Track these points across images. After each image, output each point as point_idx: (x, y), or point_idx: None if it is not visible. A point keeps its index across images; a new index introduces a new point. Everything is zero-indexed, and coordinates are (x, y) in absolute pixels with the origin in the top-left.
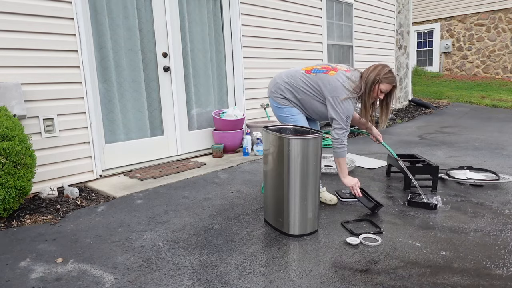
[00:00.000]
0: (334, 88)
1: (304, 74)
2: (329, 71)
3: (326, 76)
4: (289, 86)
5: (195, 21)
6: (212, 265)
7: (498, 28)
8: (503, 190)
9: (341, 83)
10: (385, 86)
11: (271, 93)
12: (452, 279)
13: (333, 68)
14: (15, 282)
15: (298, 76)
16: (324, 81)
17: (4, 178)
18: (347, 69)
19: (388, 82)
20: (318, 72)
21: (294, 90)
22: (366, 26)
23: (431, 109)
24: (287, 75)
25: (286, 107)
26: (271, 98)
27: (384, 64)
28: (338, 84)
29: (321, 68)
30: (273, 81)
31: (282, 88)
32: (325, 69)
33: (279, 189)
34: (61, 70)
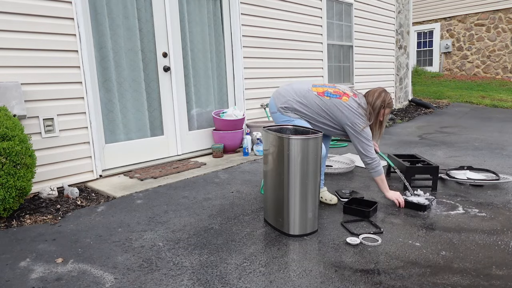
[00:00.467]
0: (350, 116)
1: (317, 96)
2: (342, 97)
3: (340, 102)
4: (302, 106)
5: (195, 21)
6: (212, 265)
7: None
8: (503, 190)
9: (356, 111)
10: (388, 111)
11: (281, 108)
12: (452, 279)
13: (344, 93)
14: (15, 282)
15: (311, 98)
16: (339, 107)
17: (4, 178)
18: (354, 94)
19: (390, 107)
20: (331, 96)
21: (307, 110)
22: (366, 26)
23: (431, 109)
24: (297, 94)
25: (296, 120)
26: (280, 112)
27: (385, 90)
28: (354, 113)
29: (334, 93)
30: (281, 98)
31: (294, 106)
32: (338, 94)
33: (279, 189)
34: (61, 70)
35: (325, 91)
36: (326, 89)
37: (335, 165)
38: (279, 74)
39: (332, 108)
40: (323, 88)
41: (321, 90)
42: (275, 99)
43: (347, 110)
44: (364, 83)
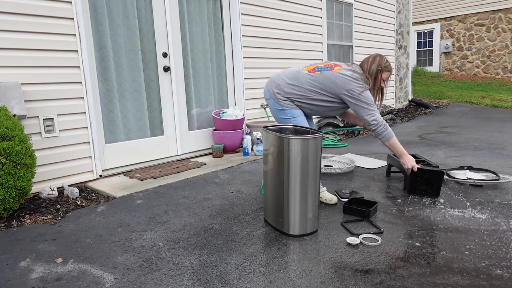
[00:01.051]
0: (344, 83)
1: (308, 74)
2: (333, 68)
3: (332, 73)
4: (293, 87)
5: (195, 21)
6: (212, 265)
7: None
8: (503, 190)
9: (349, 77)
10: (386, 75)
11: (273, 94)
12: (452, 279)
13: (336, 65)
14: (15, 282)
15: (302, 77)
16: (331, 78)
17: (4, 178)
18: (348, 65)
19: (388, 70)
20: (322, 70)
21: (299, 91)
22: (366, 26)
23: (431, 109)
24: (288, 77)
25: (288, 109)
26: (273, 100)
27: (380, 54)
28: (347, 79)
29: (324, 66)
30: (273, 83)
31: (285, 90)
32: (329, 66)
33: (279, 189)
34: (61, 70)
35: (316, 67)
36: (316, 65)
37: (335, 165)
38: None
39: (325, 81)
40: (313, 65)
41: (312, 67)
42: (268, 85)
43: (340, 79)
44: None
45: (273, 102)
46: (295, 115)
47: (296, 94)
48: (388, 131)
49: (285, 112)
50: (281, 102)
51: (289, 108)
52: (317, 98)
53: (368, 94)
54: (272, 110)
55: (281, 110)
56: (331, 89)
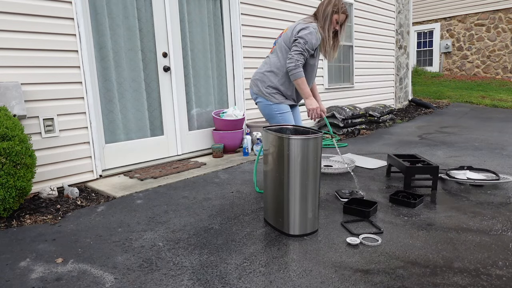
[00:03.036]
0: (293, 31)
1: (270, 54)
2: (283, 31)
3: (283, 34)
4: (269, 72)
5: (195, 21)
6: (212, 265)
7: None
8: (503, 190)
9: (296, 24)
10: (342, 17)
11: (259, 92)
12: (452, 279)
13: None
14: (15, 282)
15: (269, 59)
16: (284, 38)
17: (4, 178)
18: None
19: (343, 12)
20: (277, 40)
21: (274, 72)
22: (366, 26)
23: (431, 109)
24: (262, 68)
25: (275, 104)
26: (261, 97)
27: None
28: (297, 27)
29: (279, 36)
30: (255, 81)
31: (264, 79)
32: (280, 34)
33: (279, 189)
34: (61, 70)
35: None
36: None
37: (335, 165)
38: None
39: (281, 44)
40: (273, 46)
41: (272, 47)
42: (252, 86)
43: (288, 31)
44: (364, 83)
45: (262, 100)
46: (282, 110)
47: (278, 79)
48: (299, 70)
49: (272, 108)
50: (268, 97)
51: (276, 102)
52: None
53: (312, 36)
54: (262, 108)
55: (269, 105)
56: (288, 48)
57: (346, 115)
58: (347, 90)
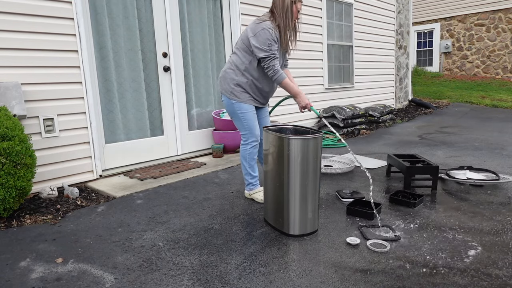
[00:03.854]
0: (250, 31)
1: (232, 53)
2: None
3: (241, 34)
4: (230, 70)
5: (195, 21)
6: (212, 265)
7: (498, 28)
8: (503, 190)
9: (251, 24)
10: (299, 5)
11: (225, 90)
12: (452, 279)
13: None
14: (15, 282)
15: (229, 59)
16: (242, 36)
17: (4, 178)
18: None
19: (300, 0)
20: (237, 41)
21: (234, 70)
22: (366, 26)
23: (431, 109)
24: (226, 67)
25: (237, 103)
26: (225, 96)
27: None
28: (250, 27)
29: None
30: (220, 80)
31: (226, 77)
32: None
33: (279, 189)
34: (61, 70)
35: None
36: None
37: (335, 165)
38: None
39: (240, 44)
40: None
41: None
42: (219, 87)
43: (245, 31)
44: (364, 83)
45: (226, 99)
46: (244, 109)
47: (239, 77)
48: (279, 74)
49: (234, 106)
50: (231, 95)
51: (238, 101)
52: (249, 66)
53: (265, 34)
54: (225, 106)
55: (231, 104)
56: (248, 46)
57: (346, 115)
58: (347, 90)
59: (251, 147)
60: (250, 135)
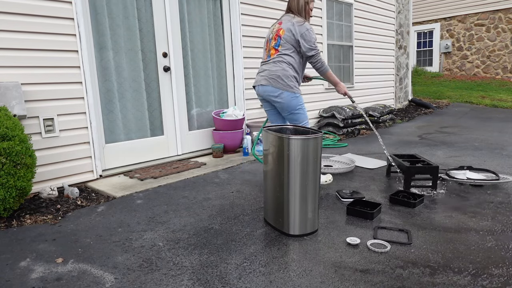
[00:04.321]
0: (298, 33)
1: (278, 53)
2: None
3: (284, 35)
4: (289, 68)
5: (195, 21)
6: (212, 265)
7: (498, 28)
8: (503, 190)
9: (294, 26)
10: (312, 4)
11: (285, 86)
12: (452, 279)
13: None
14: (15, 282)
15: (280, 59)
16: (287, 39)
17: (4, 178)
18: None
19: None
20: (276, 45)
21: (292, 68)
22: (366, 26)
23: (431, 109)
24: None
25: (300, 96)
26: (287, 91)
27: None
28: (295, 29)
29: (271, 38)
30: (273, 78)
31: (287, 74)
32: (276, 37)
33: (279, 189)
34: (61, 70)
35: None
36: (271, 49)
37: (335, 165)
38: None
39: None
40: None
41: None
42: (269, 84)
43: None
44: (364, 83)
45: (288, 93)
46: (302, 101)
47: (295, 74)
48: (326, 66)
49: (298, 99)
50: (294, 89)
51: (300, 94)
52: (298, 61)
53: (313, 33)
54: (288, 101)
55: (296, 97)
56: (295, 46)
57: (346, 115)
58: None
59: None
60: (308, 123)
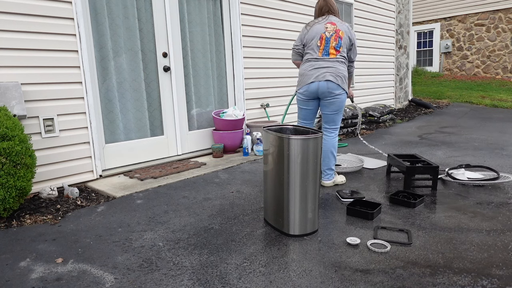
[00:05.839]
0: (352, 35)
1: (338, 55)
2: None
3: (342, 40)
4: (345, 71)
5: (195, 21)
6: (212, 265)
7: (498, 28)
8: (503, 189)
9: (348, 28)
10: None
11: (342, 83)
12: (452, 279)
13: (336, 30)
14: (15, 282)
15: (341, 60)
16: (346, 43)
17: (4, 178)
18: (332, 22)
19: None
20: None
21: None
22: (366, 26)
23: (431, 109)
24: (339, 66)
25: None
26: (344, 90)
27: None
28: (350, 31)
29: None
30: (338, 76)
31: (345, 77)
32: (336, 38)
33: (279, 189)
34: (61, 70)
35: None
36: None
37: (343, 164)
38: (279, 74)
39: (344, 50)
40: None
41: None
42: (335, 79)
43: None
44: (364, 83)
45: (344, 93)
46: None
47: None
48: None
49: (345, 100)
50: (346, 89)
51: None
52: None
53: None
54: (341, 101)
55: (345, 98)
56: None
57: (346, 115)
58: None
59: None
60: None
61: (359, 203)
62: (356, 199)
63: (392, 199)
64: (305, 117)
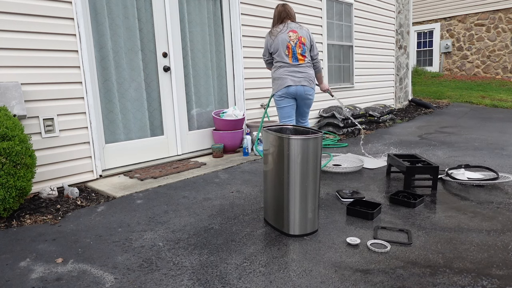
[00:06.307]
0: (311, 36)
1: (306, 58)
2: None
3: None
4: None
5: (195, 21)
6: (212, 265)
7: (498, 28)
8: (503, 190)
9: (304, 30)
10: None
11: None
12: (452, 279)
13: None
14: (15, 282)
15: (309, 64)
16: (307, 45)
17: (4, 178)
18: (294, 28)
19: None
20: (303, 52)
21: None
22: (366, 26)
23: (431, 109)
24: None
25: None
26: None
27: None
28: (307, 32)
29: (295, 44)
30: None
31: (312, 77)
32: (300, 45)
33: (279, 189)
34: (61, 70)
35: (299, 51)
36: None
37: (344, 164)
38: None
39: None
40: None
41: (301, 58)
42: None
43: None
44: (364, 83)
45: (313, 92)
46: None
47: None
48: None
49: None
50: (314, 87)
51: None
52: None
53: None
54: (313, 99)
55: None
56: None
57: (346, 115)
58: (347, 90)
59: None
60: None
61: (359, 203)
62: (356, 199)
63: (392, 199)
64: (289, 114)
